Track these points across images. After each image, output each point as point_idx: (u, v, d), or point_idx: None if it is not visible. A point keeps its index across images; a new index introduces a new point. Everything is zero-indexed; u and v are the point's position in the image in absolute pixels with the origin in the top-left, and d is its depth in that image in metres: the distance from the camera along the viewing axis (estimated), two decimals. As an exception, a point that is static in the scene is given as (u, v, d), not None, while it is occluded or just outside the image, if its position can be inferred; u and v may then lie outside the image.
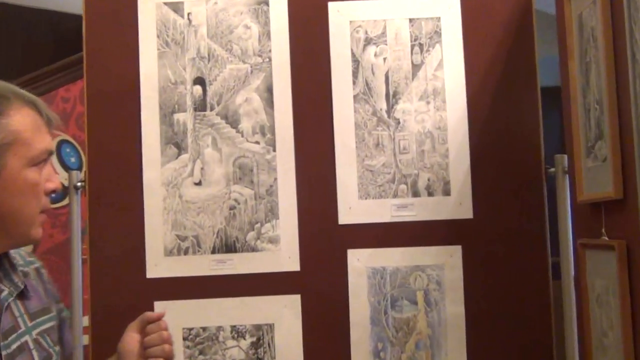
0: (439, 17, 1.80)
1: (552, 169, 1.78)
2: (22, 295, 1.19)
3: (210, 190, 1.78)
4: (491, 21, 1.80)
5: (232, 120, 1.80)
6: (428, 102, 1.80)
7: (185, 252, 1.77)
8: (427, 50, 1.80)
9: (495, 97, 1.78)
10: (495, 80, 1.78)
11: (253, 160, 1.79)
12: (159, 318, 1.28)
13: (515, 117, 1.78)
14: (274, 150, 1.79)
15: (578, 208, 1.64)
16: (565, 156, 1.74)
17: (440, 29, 1.80)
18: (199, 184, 1.78)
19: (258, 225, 1.78)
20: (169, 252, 1.77)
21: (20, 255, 1.26)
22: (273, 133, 1.79)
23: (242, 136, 1.79)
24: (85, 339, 1.76)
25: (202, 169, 1.78)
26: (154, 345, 1.25)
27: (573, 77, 1.56)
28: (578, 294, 1.62)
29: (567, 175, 1.74)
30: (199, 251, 1.77)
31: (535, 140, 1.78)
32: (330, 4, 1.80)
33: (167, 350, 1.26)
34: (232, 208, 1.78)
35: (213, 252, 1.77)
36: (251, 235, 1.78)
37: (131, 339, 1.26)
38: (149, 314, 1.28)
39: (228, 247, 1.77)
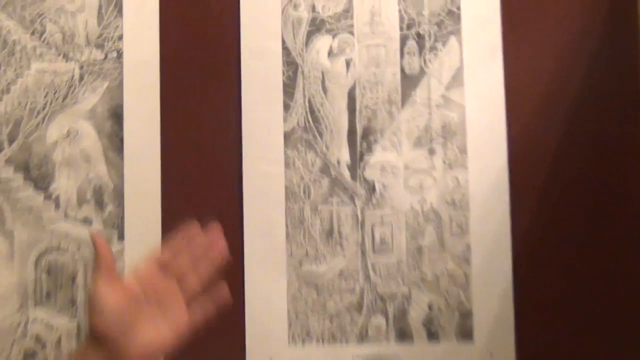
0: (457, -14, 1.02)
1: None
2: None
3: (-13, 317, 0.99)
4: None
5: (39, 175, 1.00)
6: (432, 151, 1.00)
7: None
8: (433, 49, 1.01)
9: (561, 147, 1.00)
10: (560, 113, 1.00)
11: (78, 257, 1.00)
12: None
13: (596, 182, 1.00)
14: (122, 239, 1.00)
15: None
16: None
17: (459, 8, 1.01)
18: (-37, 303, 0.99)
19: (83, 391, 1.02)
20: None
21: None
22: (121, 204, 1.00)
23: (57, 208, 1.01)
24: None
25: (-30, 273, 0.99)
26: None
27: None
28: None
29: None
30: None
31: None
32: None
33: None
34: (29, 355, 0.99)
35: None
36: (67, 411, 1.02)
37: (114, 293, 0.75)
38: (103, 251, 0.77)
39: None
